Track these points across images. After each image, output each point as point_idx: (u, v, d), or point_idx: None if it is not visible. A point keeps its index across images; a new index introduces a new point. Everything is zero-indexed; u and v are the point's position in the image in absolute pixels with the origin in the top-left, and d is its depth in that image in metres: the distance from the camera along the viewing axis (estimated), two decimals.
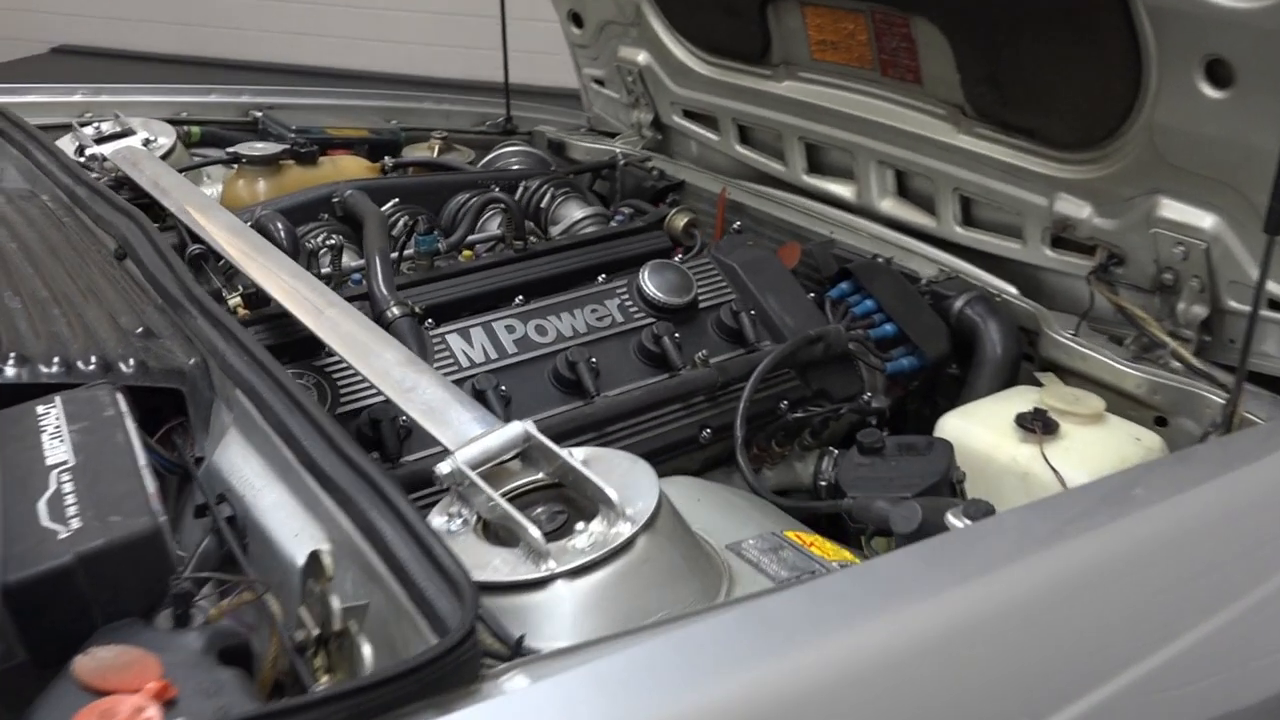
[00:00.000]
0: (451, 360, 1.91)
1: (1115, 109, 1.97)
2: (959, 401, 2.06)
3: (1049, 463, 1.74)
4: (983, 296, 2.16)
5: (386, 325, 1.92)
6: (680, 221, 2.36)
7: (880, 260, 2.30)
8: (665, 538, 1.29)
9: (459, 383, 1.86)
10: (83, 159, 2.51)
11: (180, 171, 2.48)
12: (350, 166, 2.65)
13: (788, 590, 1.16)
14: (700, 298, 2.14)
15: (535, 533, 1.23)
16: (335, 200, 2.30)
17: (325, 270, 2.08)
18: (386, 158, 2.74)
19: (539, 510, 1.34)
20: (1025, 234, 2.30)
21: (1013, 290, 2.27)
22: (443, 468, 1.34)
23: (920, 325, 2.13)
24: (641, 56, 3.05)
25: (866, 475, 1.75)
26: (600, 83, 3.31)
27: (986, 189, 2.34)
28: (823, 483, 2.05)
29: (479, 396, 1.83)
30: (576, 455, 1.39)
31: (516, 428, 1.39)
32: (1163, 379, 1.90)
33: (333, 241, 2.08)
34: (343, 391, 1.82)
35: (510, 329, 1.98)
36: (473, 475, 1.32)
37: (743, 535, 1.46)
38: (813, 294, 2.22)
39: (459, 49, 7.38)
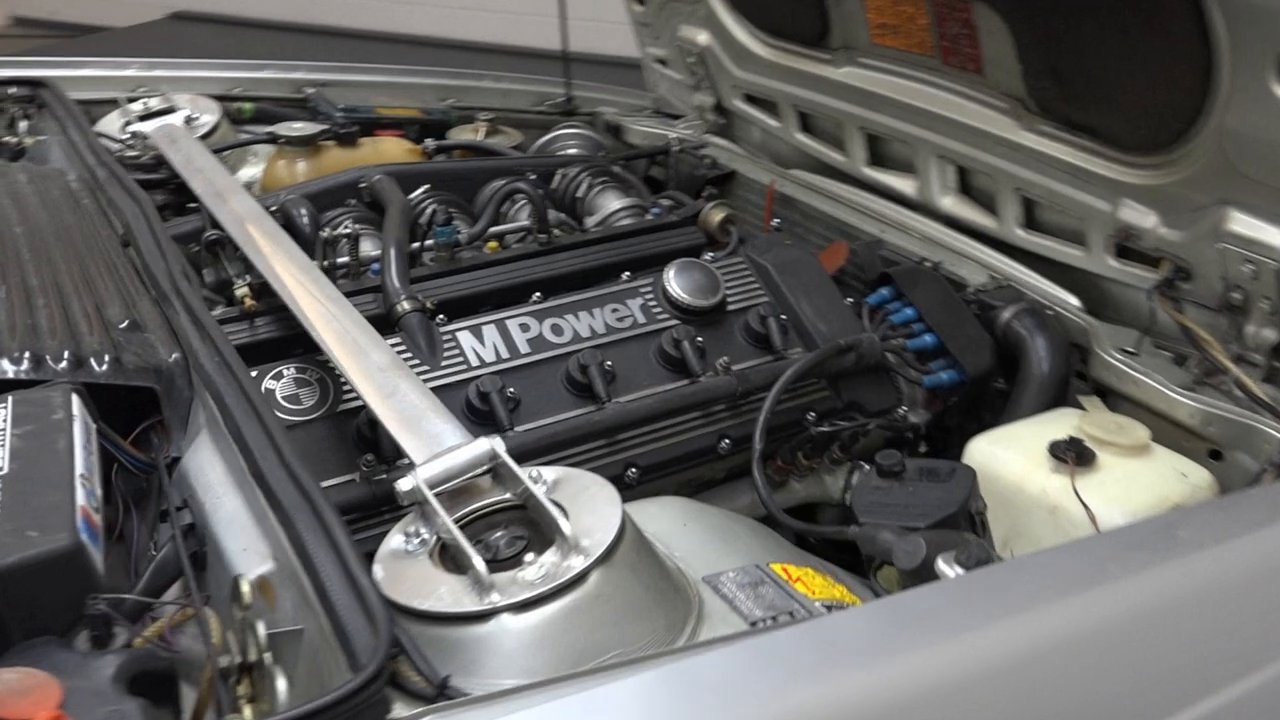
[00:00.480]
0: (460, 359, 1.85)
1: (1183, 110, 1.81)
2: (1001, 420, 1.93)
3: (1080, 497, 1.61)
4: (1032, 309, 2.01)
5: (396, 320, 1.86)
6: (716, 217, 2.25)
7: (927, 265, 2.17)
8: (625, 571, 1.20)
9: (466, 382, 1.80)
10: (127, 136, 2.51)
11: (221, 151, 2.46)
12: (391, 149, 2.60)
13: (737, 642, 1.06)
14: (730, 299, 2.03)
15: (480, 563, 1.16)
16: (363, 186, 2.24)
17: (343, 259, 2.03)
18: (428, 140, 2.68)
19: (499, 534, 1.27)
20: (1088, 241, 2.14)
21: (1074, 301, 2.12)
22: (403, 484, 1.28)
23: (962, 337, 2.00)
24: (702, 37, 2.94)
25: (881, 500, 1.63)
26: (663, 63, 3.21)
27: (1049, 190, 2.19)
28: (850, 499, 1.94)
29: (483, 399, 1.77)
30: (547, 475, 1.32)
31: (482, 446, 1.32)
32: (1218, 410, 1.75)
33: (348, 230, 2.02)
34: (346, 388, 1.77)
35: (525, 327, 1.91)
36: (428, 494, 1.25)
37: (726, 566, 1.37)
38: (852, 299, 2.10)
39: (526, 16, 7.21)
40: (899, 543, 1.46)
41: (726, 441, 1.88)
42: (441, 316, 1.89)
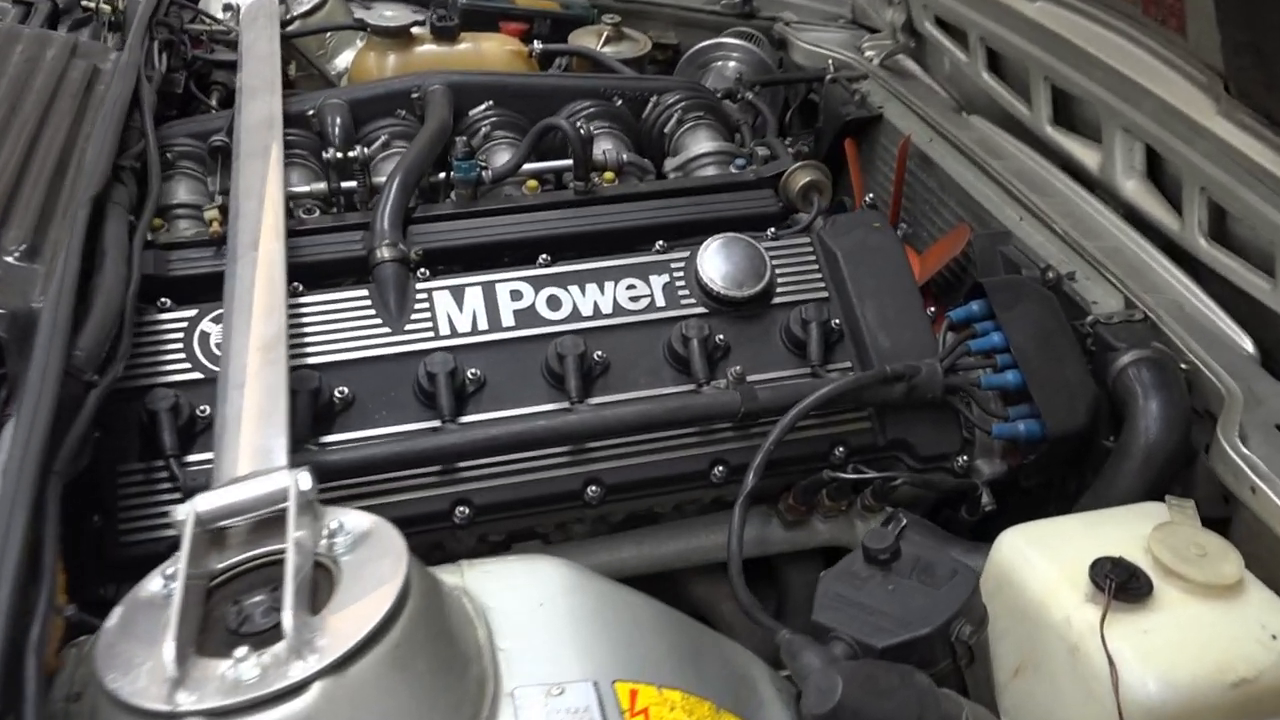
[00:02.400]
0: (429, 324, 1.60)
1: None
2: (1076, 502, 1.52)
3: (1105, 645, 1.21)
4: (1159, 359, 1.55)
5: (371, 268, 1.64)
6: (800, 180, 1.85)
7: (1050, 275, 1.72)
8: (371, 682, 0.95)
9: (419, 354, 1.56)
10: (228, 13, 2.38)
11: (311, 34, 2.29)
12: (492, 50, 2.33)
13: None
14: (781, 290, 1.68)
15: (169, 649, 0.93)
16: (415, 96, 2.00)
17: (349, 185, 1.81)
18: (536, 42, 2.38)
19: (258, 597, 1.04)
20: (1277, 272, 1.64)
21: (1247, 345, 1.64)
22: (179, 511, 1.07)
23: (1054, 381, 1.57)
24: None
25: (849, 596, 1.30)
26: None
27: (1237, 196, 1.69)
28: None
29: (430, 379, 1.52)
30: (352, 523, 1.08)
31: (278, 481, 1.08)
32: None
33: (355, 154, 1.79)
34: (290, 343, 1.55)
35: (516, 295, 1.64)
36: (186, 533, 1.04)
37: (561, 673, 1.09)
38: (934, 308, 1.70)
39: None
40: (816, 675, 1.14)
41: (721, 468, 1.56)
42: (424, 271, 1.65)
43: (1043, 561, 1.33)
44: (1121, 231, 1.92)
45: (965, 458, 1.61)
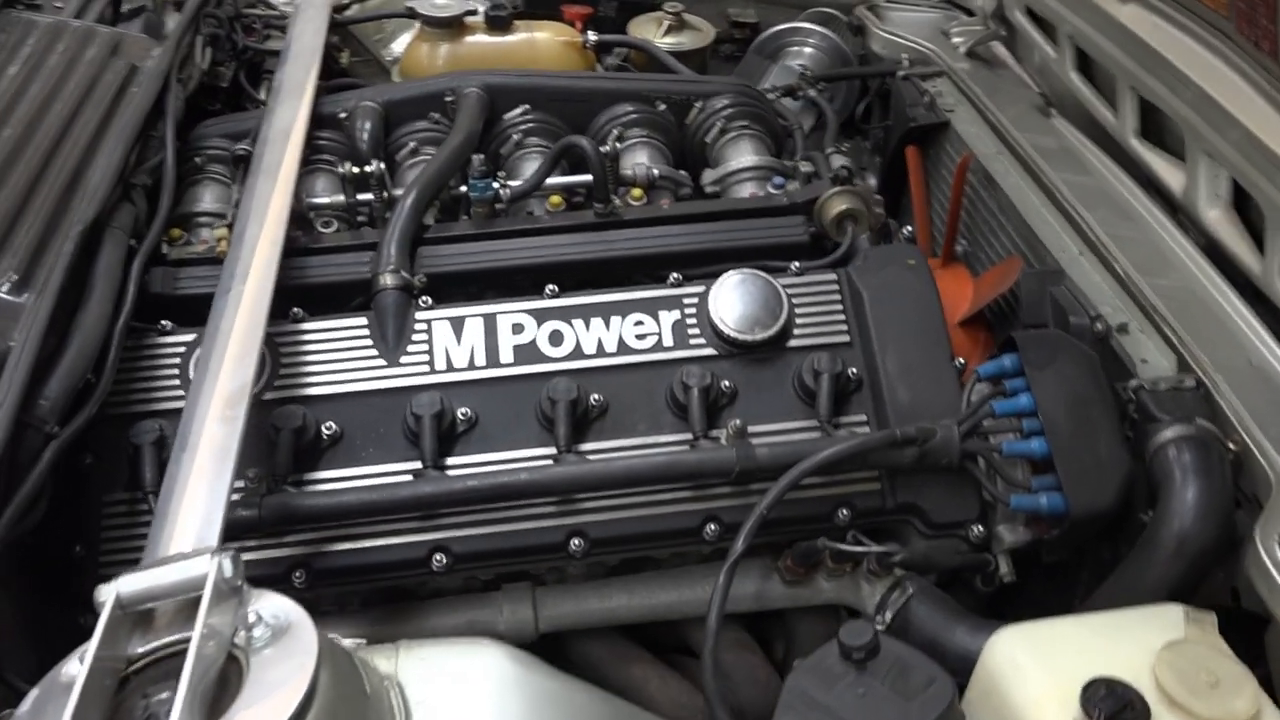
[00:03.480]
0: (425, 358, 1.55)
1: None
2: (1088, 596, 1.41)
3: None
4: (1205, 438, 1.40)
5: (373, 294, 1.60)
6: (834, 209, 1.72)
7: (1098, 327, 1.57)
8: None
9: (422, 389, 1.51)
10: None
11: (362, 21, 2.24)
12: (545, 42, 2.23)
13: None
14: (799, 332, 1.58)
15: None
16: (449, 100, 1.93)
17: (365, 196, 1.76)
18: (590, 33, 2.28)
19: (165, 694, 1.01)
20: None
21: None
22: (102, 591, 1.06)
23: (1083, 455, 1.43)
24: None
25: (816, 699, 1.21)
26: None
27: None
28: (881, 623, 1.51)
29: (416, 420, 1.48)
30: (271, 610, 1.04)
31: (198, 567, 1.06)
32: None
33: (371, 169, 1.73)
34: (283, 373, 1.54)
35: (518, 328, 1.58)
36: (101, 620, 1.02)
37: None
38: (963, 360, 1.57)
39: None
40: None
41: (714, 525, 1.48)
42: (426, 299, 1.60)
43: (1036, 672, 1.22)
44: (1197, 267, 1.76)
45: (981, 528, 1.50)
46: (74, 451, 1.40)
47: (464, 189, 1.77)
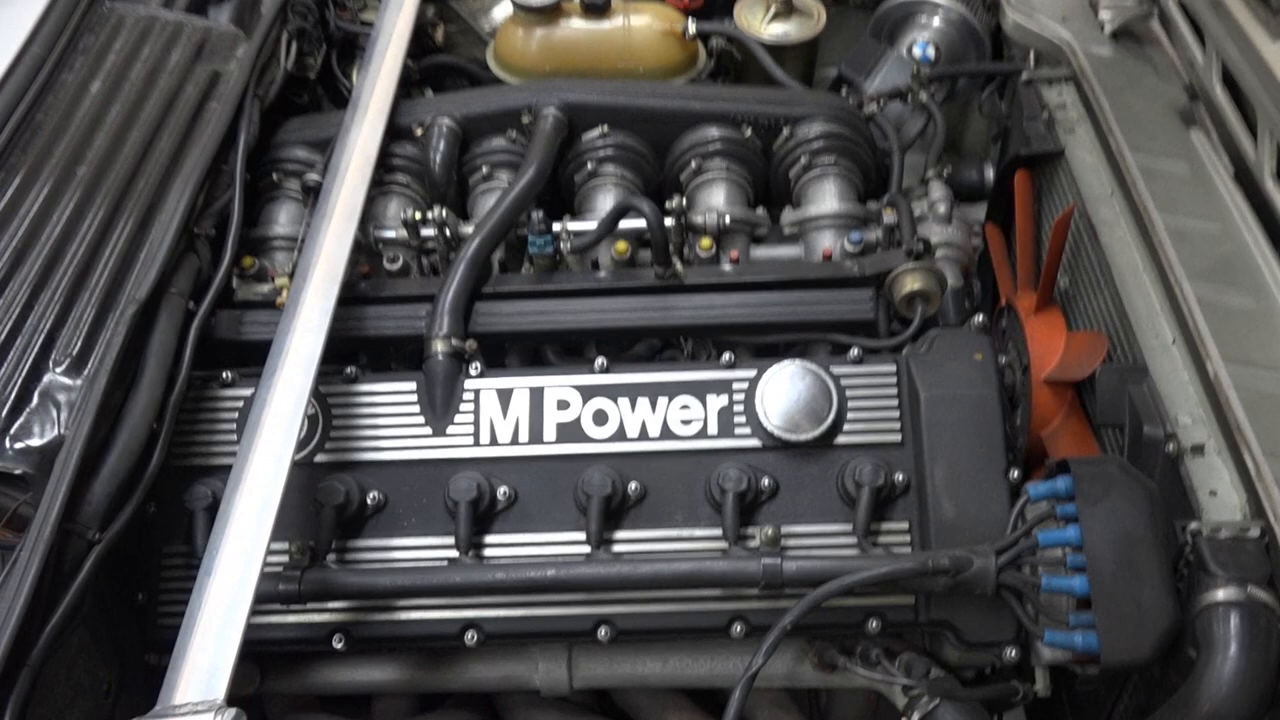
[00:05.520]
0: (470, 430, 1.57)
1: None
2: None
3: None
4: (1251, 609, 1.32)
5: (423, 360, 1.61)
6: (905, 288, 1.61)
7: (1170, 448, 1.48)
8: None
9: (465, 463, 1.54)
10: None
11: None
12: (643, 31, 2.11)
13: None
14: (850, 425, 1.54)
15: None
16: (526, 121, 1.88)
17: (430, 233, 1.75)
18: (690, 20, 2.14)
19: None
20: None
21: None
22: None
23: (1124, 602, 1.37)
24: None
25: None
26: None
27: None
28: None
29: (454, 504, 1.51)
30: None
31: None
32: None
33: (433, 215, 1.71)
34: (334, 434, 1.58)
35: (563, 404, 1.57)
36: None
37: None
38: (1017, 471, 1.51)
39: None
40: None
41: (741, 625, 1.49)
42: (477, 366, 1.60)
43: None
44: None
45: (1016, 650, 1.46)
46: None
47: (523, 231, 1.74)
